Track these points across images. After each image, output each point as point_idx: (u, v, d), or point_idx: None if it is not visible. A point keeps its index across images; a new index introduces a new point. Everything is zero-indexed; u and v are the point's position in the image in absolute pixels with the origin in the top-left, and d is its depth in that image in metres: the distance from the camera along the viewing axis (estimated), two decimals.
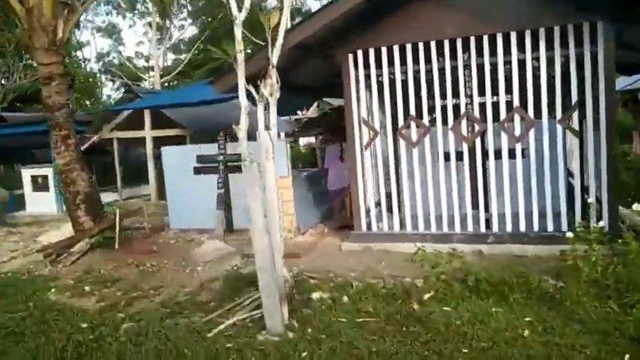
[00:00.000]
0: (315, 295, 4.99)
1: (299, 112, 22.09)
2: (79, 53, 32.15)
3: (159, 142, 11.88)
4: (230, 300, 5.22)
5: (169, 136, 11.66)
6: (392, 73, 6.61)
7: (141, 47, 36.91)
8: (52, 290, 6.02)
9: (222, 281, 5.87)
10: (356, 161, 6.80)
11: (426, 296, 4.85)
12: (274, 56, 4.51)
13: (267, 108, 4.67)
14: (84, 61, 33.52)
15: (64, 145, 7.39)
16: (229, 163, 7.93)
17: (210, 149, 8.10)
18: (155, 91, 12.03)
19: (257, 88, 4.44)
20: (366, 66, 6.63)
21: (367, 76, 6.69)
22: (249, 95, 4.44)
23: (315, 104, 25.58)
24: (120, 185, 12.13)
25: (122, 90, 35.55)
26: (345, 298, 4.94)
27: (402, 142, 6.61)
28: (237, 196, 7.99)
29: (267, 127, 4.67)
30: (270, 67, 4.51)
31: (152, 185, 11.33)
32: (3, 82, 20.13)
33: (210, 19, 29.25)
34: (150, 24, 28.75)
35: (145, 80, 32.60)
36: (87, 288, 6.01)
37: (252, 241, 4.21)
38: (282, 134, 12.79)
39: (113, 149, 11.99)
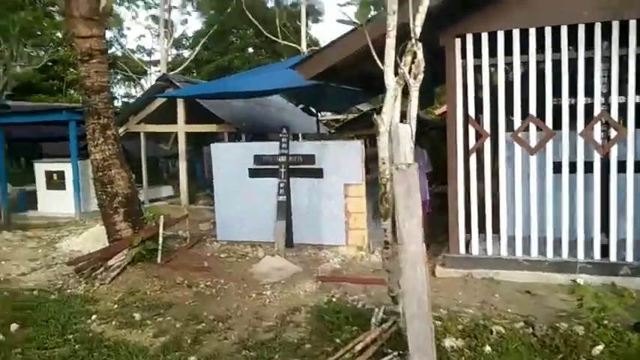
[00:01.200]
0: (448, 343, 3.91)
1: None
2: None
3: (192, 139, 10.82)
4: (328, 341, 4.16)
5: (204, 132, 10.62)
6: (509, 63, 5.54)
7: (142, 41, 35.94)
8: (93, 317, 4.97)
9: (307, 313, 4.80)
10: (456, 168, 5.73)
11: (596, 350, 3.77)
12: (418, 24, 3.46)
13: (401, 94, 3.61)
14: None
15: (103, 137, 6.33)
16: (293, 166, 6.86)
17: (269, 148, 7.03)
18: (193, 81, 10.97)
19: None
20: (477, 53, 5.57)
21: (477, 67, 5.61)
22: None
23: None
24: (146, 186, 11.07)
25: (126, 84, 34.87)
26: (488, 349, 3.86)
27: (517, 148, 5.54)
28: (299, 204, 6.92)
29: (403, 119, 3.58)
30: (414, 39, 3.45)
31: (183, 187, 10.27)
32: (5, 68, 19.08)
33: (217, 13, 28.14)
34: (153, 16, 28.13)
35: (150, 74, 31.92)
36: (136, 315, 4.94)
37: (403, 272, 3.11)
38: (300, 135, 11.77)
39: (140, 144, 10.93)
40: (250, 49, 31.82)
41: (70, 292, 5.72)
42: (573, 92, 5.34)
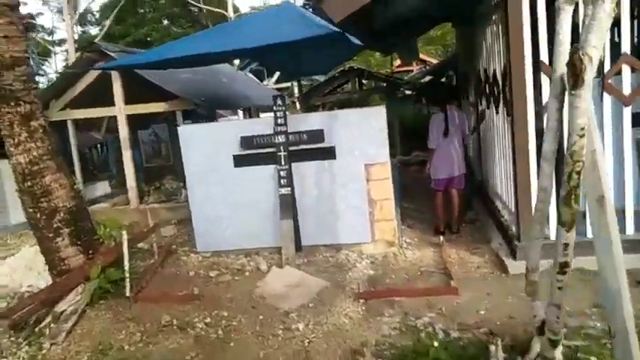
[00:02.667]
0: None
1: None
2: None
3: (134, 123, 8.82)
4: None
5: (141, 115, 8.66)
6: None
7: (41, 19, 32.62)
8: None
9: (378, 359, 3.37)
10: (526, 130, 4.42)
11: None
12: None
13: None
14: None
15: (27, 131, 4.45)
16: (295, 147, 5.28)
17: (260, 126, 5.38)
18: (130, 50, 8.87)
19: None
20: None
21: None
22: None
23: (275, 77, 22.79)
24: (81, 186, 8.97)
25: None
26: None
27: (606, 99, 4.30)
28: (306, 196, 5.38)
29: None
30: None
31: (131, 183, 8.34)
32: None
33: None
34: None
35: (56, 54, 29.07)
36: None
37: (614, 306, 1.73)
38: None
39: (66, 135, 8.77)
40: (166, 21, 29.53)
41: None
42: None
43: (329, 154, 5.26)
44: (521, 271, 4.51)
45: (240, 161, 5.46)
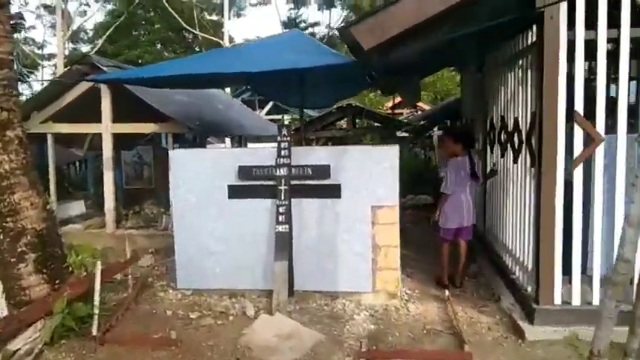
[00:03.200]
0: None
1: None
2: None
3: (118, 143, 8.30)
4: None
5: (126, 134, 8.17)
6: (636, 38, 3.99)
7: (32, 33, 32.53)
8: None
9: None
10: (554, 185, 4.06)
11: None
12: None
13: None
14: None
15: (1, 140, 3.90)
16: (297, 182, 4.84)
17: (261, 156, 4.94)
18: (123, 66, 8.41)
19: None
20: (588, 24, 3.94)
21: (587, 42, 3.98)
22: None
23: (266, 109, 22.54)
24: (55, 204, 8.33)
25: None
26: None
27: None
28: (305, 236, 4.92)
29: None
30: None
31: (109, 206, 7.75)
32: None
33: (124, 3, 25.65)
34: (46, 5, 25.32)
35: (44, 68, 28.74)
36: None
37: None
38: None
39: (44, 149, 8.20)
40: (159, 45, 29.51)
41: None
42: None
43: (334, 192, 4.83)
44: (540, 338, 4.11)
45: (235, 192, 4.99)
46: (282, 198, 4.82)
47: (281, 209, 4.83)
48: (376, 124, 12.50)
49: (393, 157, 4.73)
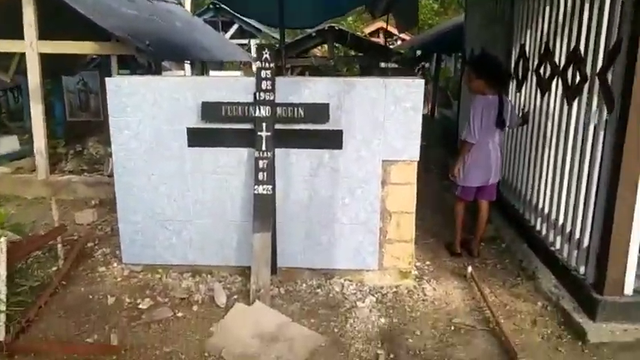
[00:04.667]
0: None
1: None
2: None
3: (48, 65, 6.68)
4: None
5: (67, 56, 6.59)
6: None
7: None
8: None
9: None
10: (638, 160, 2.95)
11: None
12: None
13: None
14: None
15: None
16: (283, 126, 3.57)
17: (232, 88, 3.60)
18: None
19: None
20: None
21: None
22: None
23: (231, 32, 20.43)
24: None
25: None
26: None
27: None
28: (293, 198, 3.72)
29: None
30: None
31: (40, 146, 6.27)
32: None
33: None
34: None
35: None
36: None
37: None
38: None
39: None
40: None
41: None
42: None
43: (333, 141, 3.59)
44: (606, 339, 3.14)
45: (197, 138, 3.68)
46: (263, 148, 3.56)
47: (261, 163, 3.57)
48: (359, 54, 11.07)
49: (416, 94, 3.49)
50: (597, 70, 3.33)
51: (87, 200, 6.14)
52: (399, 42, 19.12)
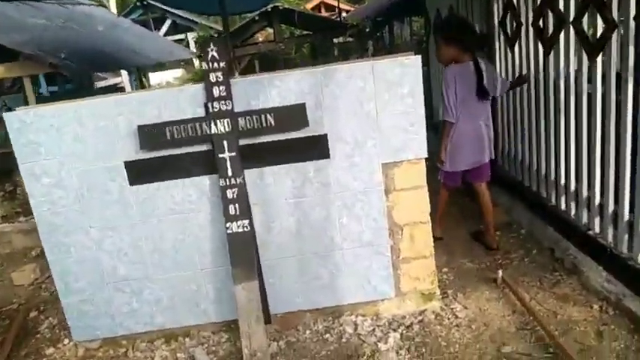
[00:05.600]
0: None
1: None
2: None
3: None
4: None
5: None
6: None
7: None
8: None
9: None
10: None
11: None
12: None
13: None
14: None
15: None
16: (250, 140, 2.75)
17: (174, 101, 2.74)
18: None
19: None
20: None
21: None
22: None
23: (164, 28, 19.13)
24: None
25: None
26: None
27: None
28: (275, 230, 2.92)
29: None
30: None
31: None
32: None
33: None
34: None
35: None
36: None
37: None
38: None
39: None
40: None
41: None
42: None
43: (317, 149, 2.80)
44: None
45: (140, 173, 2.82)
46: (229, 173, 2.74)
47: (230, 193, 2.75)
48: (308, 32, 10.18)
49: (413, 75, 2.73)
50: (634, 14, 2.65)
51: (26, 251, 5.19)
52: (343, 14, 18.31)
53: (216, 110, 2.67)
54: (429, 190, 2.99)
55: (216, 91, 2.65)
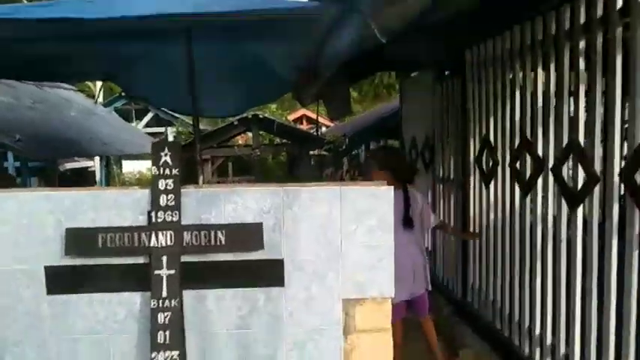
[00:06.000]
0: None
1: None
2: None
3: None
4: None
5: None
6: None
7: None
8: None
9: None
10: None
11: None
12: None
13: None
14: None
15: None
16: (195, 258, 2.40)
17: (115, 202, 2.41)
18: None
19: None
20: None
21: None
22: None
23: (145, 120, 19.30)
24: None
25: None
26: None
27: None
28: None
29: None
30: None
31: None
32: None
33: None
34: None
35: None
36: None
37: None
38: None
39: None
40: None
41: None
42: None
43: (270, 275, 2.47)
44: None
45: (61, 281, 2.41)
46: (164, 294, 2.35)
47: (161, 317, 2.34)
48: (286, 141, 10.26)
49: (383, 205, 2.50)
50: (618, 169, 2.54)
51: None
52: (323, 129, 18.91)
53: (159, 220, 2.35)
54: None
55: (162, 200, 2.35)
